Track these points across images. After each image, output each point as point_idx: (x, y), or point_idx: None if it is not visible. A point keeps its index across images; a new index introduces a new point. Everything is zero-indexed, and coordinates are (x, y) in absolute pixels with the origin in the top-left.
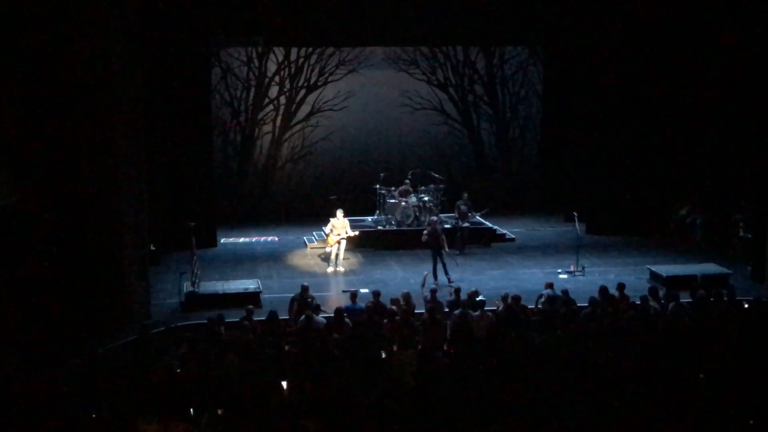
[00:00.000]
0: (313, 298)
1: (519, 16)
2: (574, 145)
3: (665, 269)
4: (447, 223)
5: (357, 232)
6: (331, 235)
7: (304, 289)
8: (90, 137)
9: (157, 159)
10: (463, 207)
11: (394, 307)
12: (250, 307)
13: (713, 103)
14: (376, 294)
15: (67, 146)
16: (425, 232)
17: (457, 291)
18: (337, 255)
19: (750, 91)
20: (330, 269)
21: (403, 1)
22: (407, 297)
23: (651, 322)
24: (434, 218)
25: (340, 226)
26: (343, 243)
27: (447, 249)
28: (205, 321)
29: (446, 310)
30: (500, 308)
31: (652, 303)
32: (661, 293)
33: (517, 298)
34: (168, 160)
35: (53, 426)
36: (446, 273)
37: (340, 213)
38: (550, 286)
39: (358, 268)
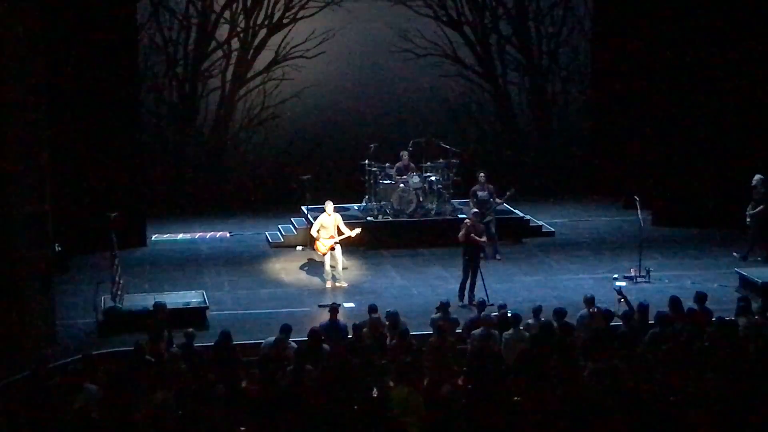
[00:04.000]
0: (168, 320)
1: None
2: (637, 105)
3: (762, 273)
4: (489, 216)
5: (359, 230)
6: (320, 238)
7: (159, 310)
8: None
9: (65, 127)
10: (481, 194)
11: (366, 330)
12: (190, 330)
13: None
14: (372, 310)
15: None
16: (468, 225)
17: (480, 304)
18: (333, 266)
19: None
20: (328, 284)
21: None
22: (392, 318)
23: (742, 346)
24: (475, 210)
25: (331, 225)
26: (339, 248)
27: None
28: (131, 347)
29: (459, 330)
30: (532, 326)
31: (742, 319)
32: (755, 306)
33: (561, 314)
34: (80, 128)
35: None
36: (473, 288)
37: (330, 206)
38: (590, 303)
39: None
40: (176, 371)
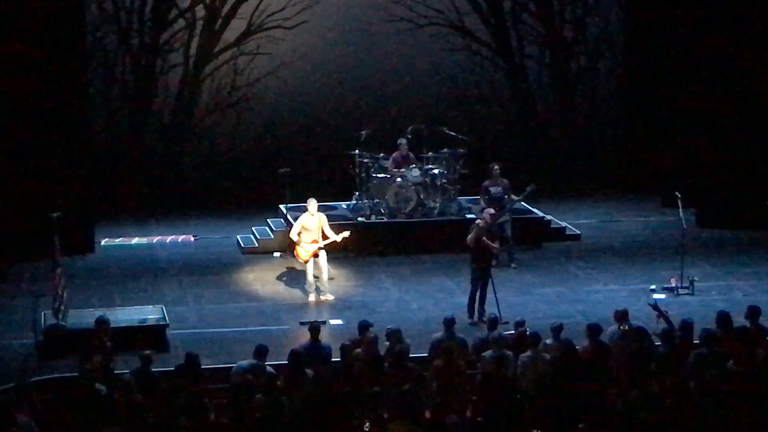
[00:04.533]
0: (108, 337)
1: None
2: (679, 85)
3: None
4: (504, 216)
5: (347, 234)
6: (301, 243)
7: (101, 328)
8: None
9: None
10: (494, 190)
11: (359, 351)
12: (147, 353)
13: None
14: (363, 328)
15: None
16: (480, 227)
17: (492, 321)
18: (317, 276)
19: None
20: (311, 298)
21: None
22: (394, 337)
23: None
24: (491, 211)
25: (315, 227)
26: (323, 255)
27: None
28: (76, 373)
29: (471, 351)
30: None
31: None
32: None
33: (596, 330)
34: (15, 114)
35: None
36: (483, 302)
37: (313, 205)
38: (622, 318)
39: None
40: (130, 403)
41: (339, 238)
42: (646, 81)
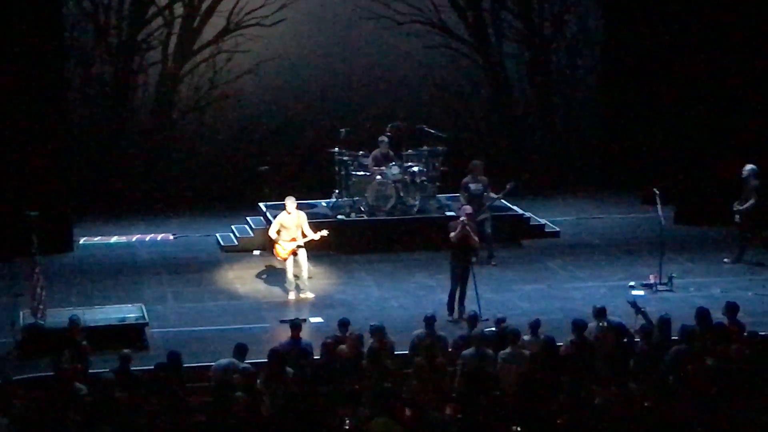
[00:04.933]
0: (81, 337)
1: None
2: (658, 81)
3: None
4: (483, 213)
5: (325, 233)
6: (280, 241)
7: (73, 327)
8: None
9: None
10: (474, 187)
11: (343, 347)
12: (126, 351)
13: None
14: (343, 325)
15: None
16: (465, 224)
17: (472, 319)
18: (297, 275)
19: None
20: (291, 296)
21: None
22: (379, 333)
23: None
24: (468, 209)
25: (293, 225)
26: (303, 253)
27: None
28: (54, 372)
29: (451, 349)
30: (530, 344)
31: None
32: None
33: (581, 327)
34: None
35: None
36: (463, 300)
37: (291, 203)
38: (601, 315)
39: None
40: (110, 401)
41: (317, 236)
42: (624, 78)
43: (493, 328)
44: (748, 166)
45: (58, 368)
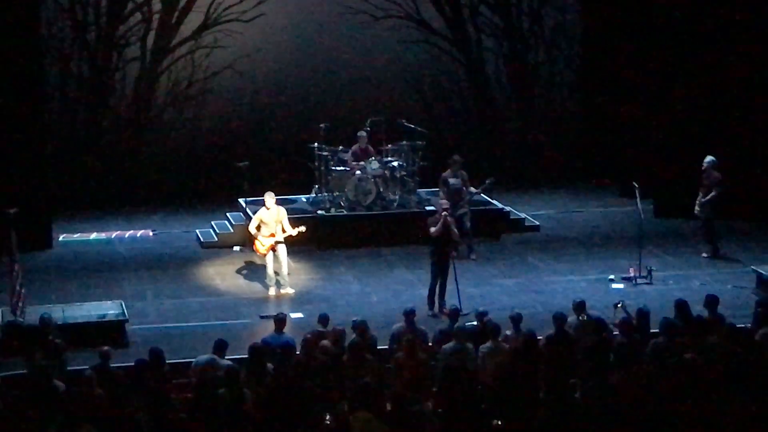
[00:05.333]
0: (54, 335)
1: None
2: (636, 76)
3: None
4: (462, 208)
5: (303, 229)
6: (259, 237)
7: (46, 326)
8: None
9: None
10: (453, 181)
11: (326, 342)
12: (106, 348)
13: None
14: (323, 320)
15: None
16: (446, 217)
17: (453, 313)
18: (277, 270)
19: None
20: (272, 291)
21: None
22: (361, 328)
23: (760, 359)
24: (446, 202)
25: (272, 221)
26: (283, 249)
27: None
28: (28, 370)
29: (432, 343)
30: (512, 338)
31: (763, 327)
32: None
33: (561, 320)
34: None
35: None
36: (443, 294)
37: (270, 199)
38: (579, 309)
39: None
40: (90, 398)
41: (294, 232)
42: (602, 72)
43: (475, 323)
44: (708, 158)
45: (32, 367)
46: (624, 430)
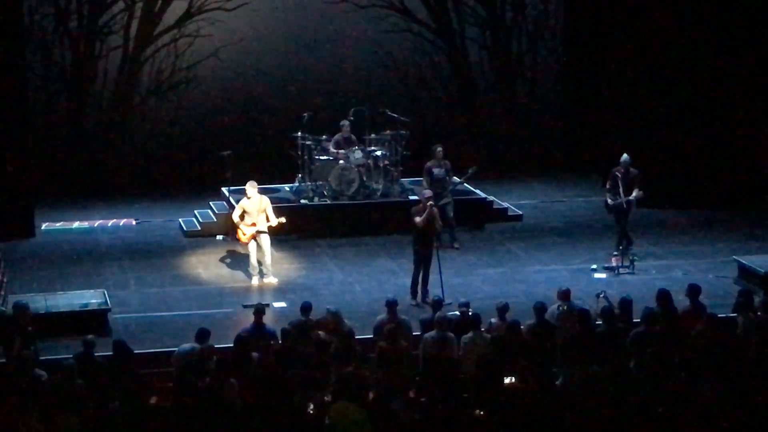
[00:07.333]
0: (28, 322)
1: None
2: (618, 66)
3: (764, 262)
4: (446, 198)
5: (284, 220)
6: (242, 225)
7: (21, 313)
8: None
9: None
10: (437, 171)
11: (321, 333)
12: (90, 337)
13: None
14: (305, 309)
15: None
16: (430, 207)
17: (437, 303)
18: (260, 260)
19: None
20: (255, 281)
21: None
22: (335, 317)
23: (742, 347)
24: (429, 192)
25: (255, 210)
26: (266, 238)
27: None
28: (7, 359)
29: (416, 333)
30: (497, 327)
31: (742, 316)
32: (757, 300)
33: (542, 309)
34: None
35: None
36: (426, 283)
37: (252, 188)
38: (564, 296)
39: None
40: (71, 388)
41: (275, 222)
42: (585, 62)
43: (457, 312)
44: (625, 156)
45: (10, 356)
46: (605, 419)
